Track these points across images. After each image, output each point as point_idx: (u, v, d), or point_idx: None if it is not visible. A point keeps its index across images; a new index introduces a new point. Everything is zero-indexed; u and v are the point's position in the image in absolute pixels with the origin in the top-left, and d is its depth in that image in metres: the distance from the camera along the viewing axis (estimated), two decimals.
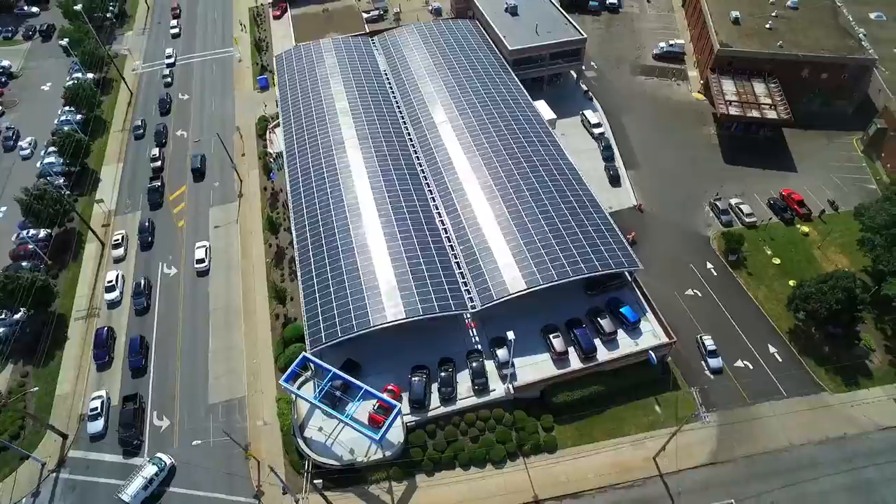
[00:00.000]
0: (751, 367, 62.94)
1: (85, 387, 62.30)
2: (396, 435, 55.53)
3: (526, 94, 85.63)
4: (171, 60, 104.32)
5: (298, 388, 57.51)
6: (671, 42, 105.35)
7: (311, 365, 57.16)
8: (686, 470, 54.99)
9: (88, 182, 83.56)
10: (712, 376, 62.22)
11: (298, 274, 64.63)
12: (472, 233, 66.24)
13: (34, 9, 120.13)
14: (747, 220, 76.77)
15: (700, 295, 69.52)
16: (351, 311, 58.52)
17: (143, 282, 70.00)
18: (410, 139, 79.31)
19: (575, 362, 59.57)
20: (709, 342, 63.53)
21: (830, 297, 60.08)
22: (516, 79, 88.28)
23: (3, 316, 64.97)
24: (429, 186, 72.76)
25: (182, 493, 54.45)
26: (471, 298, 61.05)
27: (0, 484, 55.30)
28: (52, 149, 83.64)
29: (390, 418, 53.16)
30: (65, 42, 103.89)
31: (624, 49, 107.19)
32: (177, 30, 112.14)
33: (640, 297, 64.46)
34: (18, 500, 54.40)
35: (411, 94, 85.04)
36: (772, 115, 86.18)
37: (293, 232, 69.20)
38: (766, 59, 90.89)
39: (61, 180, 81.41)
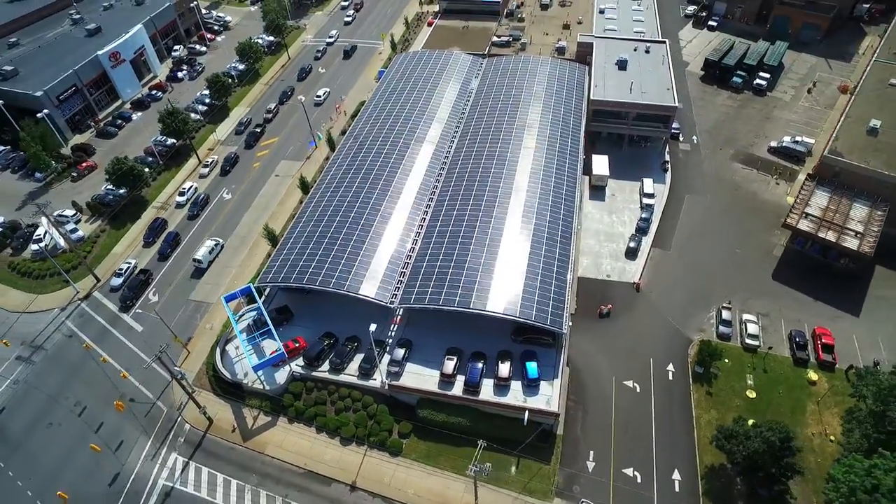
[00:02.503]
0: (639, 479, 57.46)
1: (129, 253, 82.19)
2: (282, 377, 64.07)
3: (580, 144, 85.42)
4: (332, 41, 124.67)
5: (237, 312, 69.31)
6: (798, 139, 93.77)
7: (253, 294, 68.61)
8: None
9: (220, 116, 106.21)
10: (590, 469, 58.47)
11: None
12: (442, 236, 70.72)
13: None
14: (748, 340, 67.86)
15: (638, 390, 64.48)
16: (297, 268, 68.03)
17: (204, 196, 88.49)
18: (450, 150, 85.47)
19: (457, 389, 61.24)
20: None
21: (751, 443, 52.56)
22: (582, 127, 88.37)
23: (111, 188, 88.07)
24: (440, 187, 78.68)
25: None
26: (395, 295, 66.17)
27: (45, 295, 77.06)
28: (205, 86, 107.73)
29: (271, 358, 61.95)
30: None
31: (741, 133, 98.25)
32: (350, 18, 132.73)
33: (561, 363, 62.78)
34: (51, 308, 75.44)
35: (476, 113, 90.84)
36: (851, 244, 73.26)
37: (311, 191, 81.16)
38: (884, 182, 77.00)
39: (202, 108, 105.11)
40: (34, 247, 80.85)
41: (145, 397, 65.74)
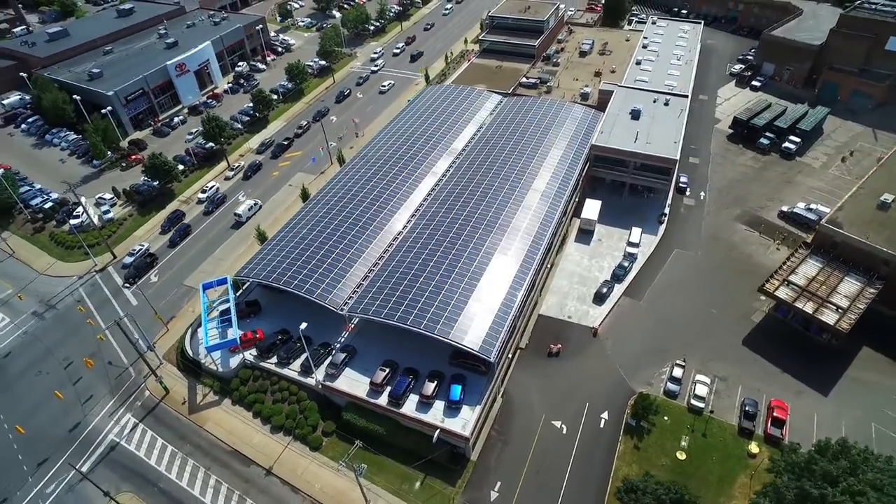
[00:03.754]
0: None
1: (147, 237, 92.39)
2: (235, 363, 69.76)
3: (569, 187, 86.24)
4: (376, 69, 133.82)
5: (219, 299, 76.38)
6: (812, 206, 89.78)
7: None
8: None
9: (259, 127, 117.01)
10: (492, 499, 58.83)
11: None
12: (408, 254, 74.48)
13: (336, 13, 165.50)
14: (694, 401, 65.64)
15: (564, 432, 64.13)
16: (269, 267, 73.97)
17: (221, 196, 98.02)
18: (445, 176, 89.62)
19: (382, 399, 63.96)
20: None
21: (645, 499, 51.55)
22: (577, 171, 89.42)
23: (147, 179, 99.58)
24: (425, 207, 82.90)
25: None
26: (346, 304, 70.29)
27: (68, 263, 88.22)
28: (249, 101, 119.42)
29: (222, 343, 68.01)
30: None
31: (754, 194, 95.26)
32: (398, 51, 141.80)
33: (488, 391, 63.98)
34: (71, 276, 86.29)
35: (478, 148, 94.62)
36: (828, 318, 69.28)
37: (308, 201, 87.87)
38: (883, 259, 72.47)
39: (245, 118, 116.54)
40: (73, 221, 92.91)
41: (122, 363, 73.55)
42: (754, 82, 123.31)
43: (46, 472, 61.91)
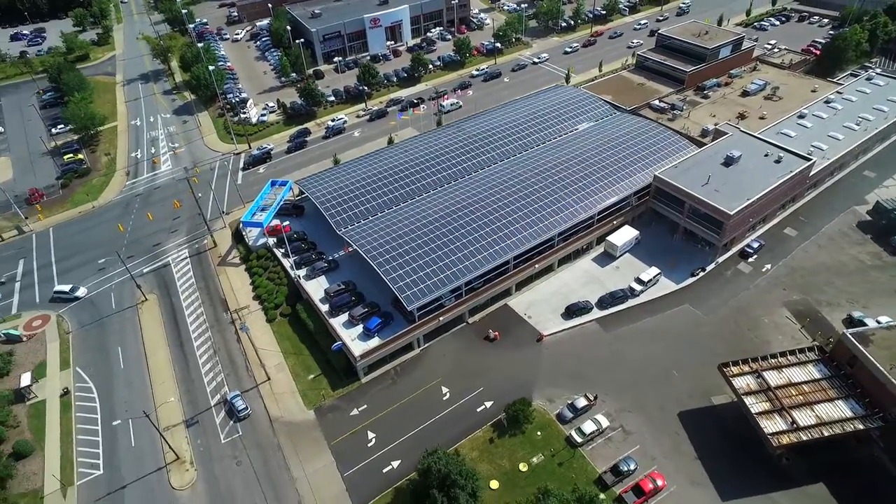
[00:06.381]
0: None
1: (277, 140, 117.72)
2: (260, 242, 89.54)
3: (600, 205, 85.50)
4: (537, 60, 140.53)
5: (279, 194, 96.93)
6: (882, 319, 73.45)
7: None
8: None
9: (411, 83, 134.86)
10: (351, 414, 68.06)
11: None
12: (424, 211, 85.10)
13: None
14: (574, 433, 64.54)
15: (444, 399, 69.10)
16: (321, 187, 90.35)
17: (342, 127, 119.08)
18: (503, 164, 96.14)
19: (325, 306, 76.97)
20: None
21: (439, 464, 56.12)
22: (622, 195, 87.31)
23: (302, 100, 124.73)
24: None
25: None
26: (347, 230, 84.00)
27: (222, 143, 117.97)
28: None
29: (252, 221, 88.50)
30: None
31: (833, 290, 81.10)
32: (570, 50, 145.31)
33: (400, 335, 72.41)
34: (218, 151, 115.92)
35: (551, 146, 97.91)
36: (769, 426, 59.94)
37: (386, 147, 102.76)
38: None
39: (403, 74, 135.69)
40: (242, 115, 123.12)
41: (203, 216, 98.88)
42: None
43: (121, 264, 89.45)
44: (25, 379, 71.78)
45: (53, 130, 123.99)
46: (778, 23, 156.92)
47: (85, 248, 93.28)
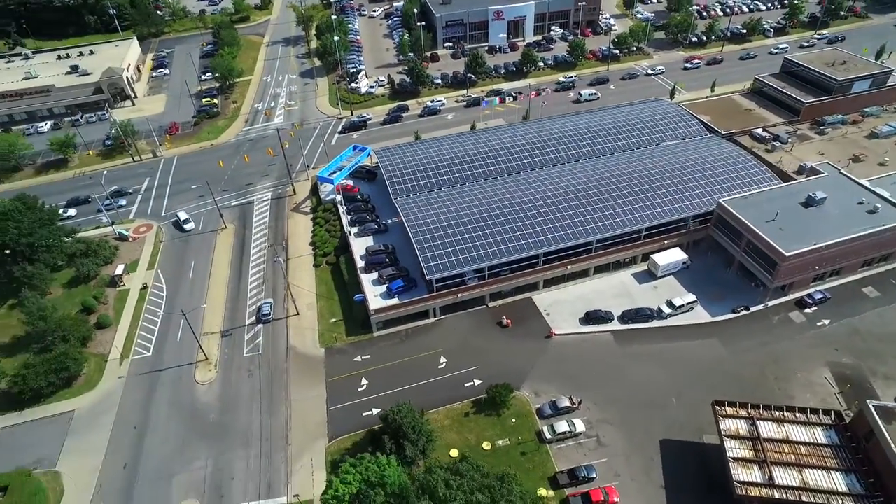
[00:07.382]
0: None
1: (375, 111, 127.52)
2: (330, 196, 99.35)
3: (651, 221, 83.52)
4: (651, 72, 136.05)
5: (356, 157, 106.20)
6: None
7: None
8: None
9: (516, 77, 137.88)
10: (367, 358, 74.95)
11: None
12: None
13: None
14: (545, 429, 65.64)
15: (440, 367, 73.30)
16: (395, 159, 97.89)
17: (437, 109, 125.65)
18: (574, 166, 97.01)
19: (362, 263, 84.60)
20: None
21: (398, 421, 61.03)
22: (681, 216, 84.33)
23: (409, 80, 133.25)
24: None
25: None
26: (400, 199, 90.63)
27: (330, 108, 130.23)
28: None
29: (326, 178, 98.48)
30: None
31: (891, 357, 72.05)
32: (690, 66, 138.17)
33: (418, 300, 77.91)
34: (325, 115, 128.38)
35: (630, 156, 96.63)
36: (740, 473, 56.63)
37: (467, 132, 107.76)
38: None
39: (513, 69, 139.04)
40: (353, 85, 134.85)
41: (291, 167, 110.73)
42: None
43: (214, 196, 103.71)
44: (119, 269, 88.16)
45: (202, 77, 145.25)
46: None
47: (194, 177, 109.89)
